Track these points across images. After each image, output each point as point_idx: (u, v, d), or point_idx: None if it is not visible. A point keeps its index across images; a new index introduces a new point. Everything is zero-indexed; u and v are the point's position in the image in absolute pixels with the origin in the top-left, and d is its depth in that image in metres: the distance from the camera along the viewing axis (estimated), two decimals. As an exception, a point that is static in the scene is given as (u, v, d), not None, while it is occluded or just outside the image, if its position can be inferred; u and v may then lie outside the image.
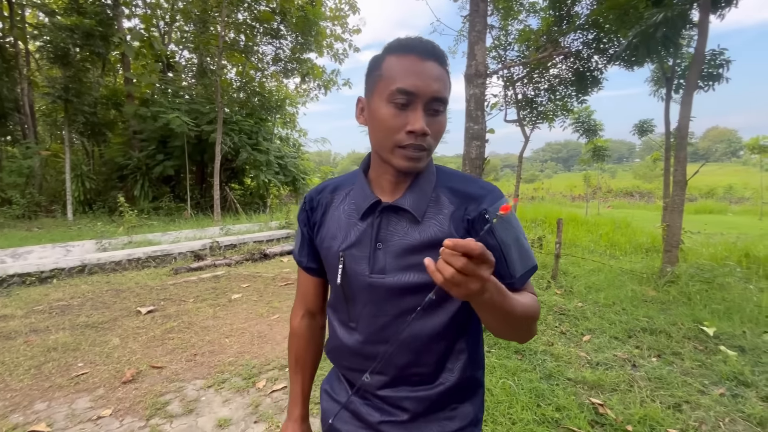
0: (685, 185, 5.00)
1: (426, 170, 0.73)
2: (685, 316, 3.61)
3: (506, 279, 0.69)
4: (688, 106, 5.12)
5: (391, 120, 0.65)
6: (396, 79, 0.64)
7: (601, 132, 12.41)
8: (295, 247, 0.89)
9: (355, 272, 0.73)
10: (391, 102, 0.65)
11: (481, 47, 3.69)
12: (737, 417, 2.17)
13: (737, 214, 15.93)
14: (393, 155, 0.67)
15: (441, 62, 0.67)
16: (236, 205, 11.89)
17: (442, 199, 0.72)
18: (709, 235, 8.65)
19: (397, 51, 0.67)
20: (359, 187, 0.76)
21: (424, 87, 0.64)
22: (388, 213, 0.72)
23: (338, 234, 0.76)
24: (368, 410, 0.77)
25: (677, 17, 5.14)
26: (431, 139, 0.66)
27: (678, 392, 2.40)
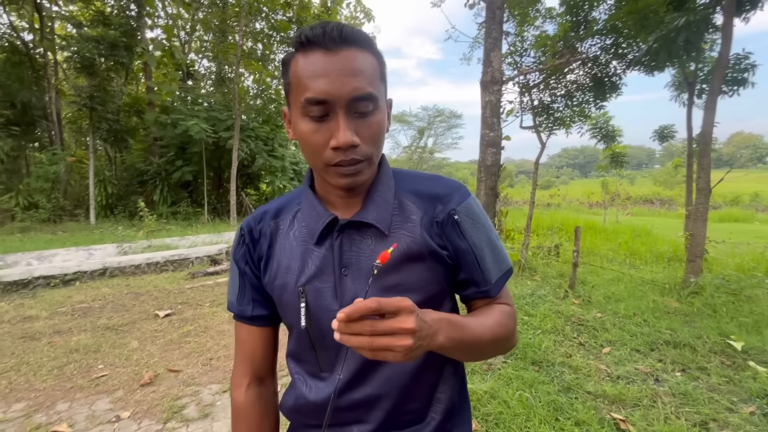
0: (709, 193, 4.85)
1: (381, 176, 0.63)
2: (711, 329, 3.48)
3: (481, 286, 0.64)
4: (712, 111, 4.98)
5: (311, 137, 0.54)
6: (305, 86, 0.52)
7: (619, 138, 12.15)
8: (230, 294, 0.71)
9: (321, 309, 0.60)
10: (305, 116, 0.54)
11: (497, 54, 3.68)
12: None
13: (764, 223, 15.34)
14: (327, 175, 0.57)
15: (359, 46, 0.53)
16: (252, 210, 12.07)
17: (406, 205, 0.63)
18: (734, 244, 8.35)
19: (301, 48, 0.54)
20: (308, 205, 0.64)
21: (337, 89, 0.51)
22: (348, 231, 0.61)
23: (292, 266, 0.62)
24: None
25: (700, 21, 5.02)
26: (366, 146, 0.55)
27: (704, 409, 2.30)
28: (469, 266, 0.63)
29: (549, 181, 53.78)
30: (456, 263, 0.63)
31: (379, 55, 0.57)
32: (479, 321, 0.58)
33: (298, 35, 0.54)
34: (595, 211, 19.56)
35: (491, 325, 0.59)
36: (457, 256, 0.63)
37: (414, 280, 0.60)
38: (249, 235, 0.67)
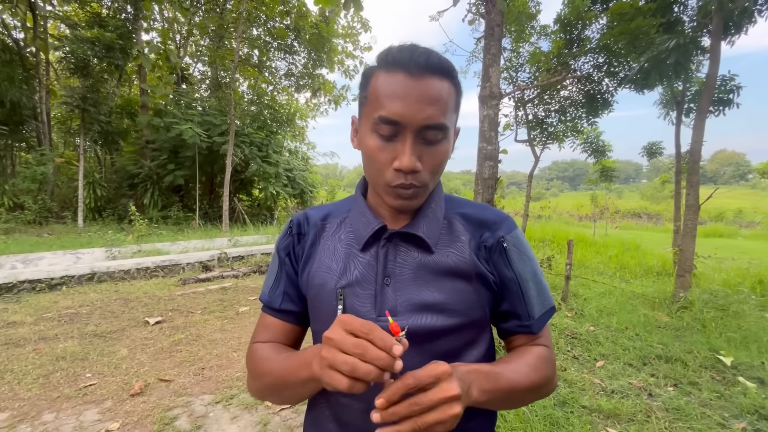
0: (698, 209, 4.97)
1: (434, 195, 0.64)
2: (701, 344, 3.54)
3: (524, 320, 0.63)
4: (700, 130, 5.13)
5: (376, 153, 0.55)
6: (381, 103, 0.53)
7: (609, 153, 12.43)
8: (265, 284, 0.70)
9: (357, 315, 0.57)
10: (374, 131, 0.55)
11: (496, 69, 3.74)
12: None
13: (748, 239, 15.73)
14: (384, 193, 0.58)
15: (441, 75, 0.54)
16: (244, 216, 11.97)
17: (455, 226, 0.63)
18: (720, 259, 8.54)
19: (385, 66, 0.55)
20: (358, 211, 0.64)
21: (412, 114, 0.52)
22: (395, 242, 0.61)
23: (334, 268, 0.62)
24: None
25: (689, 43, 5.20)
26: (426, 174, 0.56)
27: (697, 425, 2.33)
28: (513, 297, 0.63)
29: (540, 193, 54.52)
30: (500, 292, 0.63)
31: (458, 85, 0.58)
32: (514, 368, 0.56)
33: (385, 53, 0.55)
34: (585, 223, 19.84)
35: (527, 372, 0.57)
36: (502, 285, 0.63)
37: (458, 300, 0.59)
38: (297, 228, 0.68)
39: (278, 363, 0.59)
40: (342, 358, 0.43)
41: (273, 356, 0.62)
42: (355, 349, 0.43)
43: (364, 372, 0.42)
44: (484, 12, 3.84)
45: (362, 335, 0.44)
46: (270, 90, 14.52)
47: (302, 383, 0.54)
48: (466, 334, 0.58)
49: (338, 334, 0.45)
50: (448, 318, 0.58)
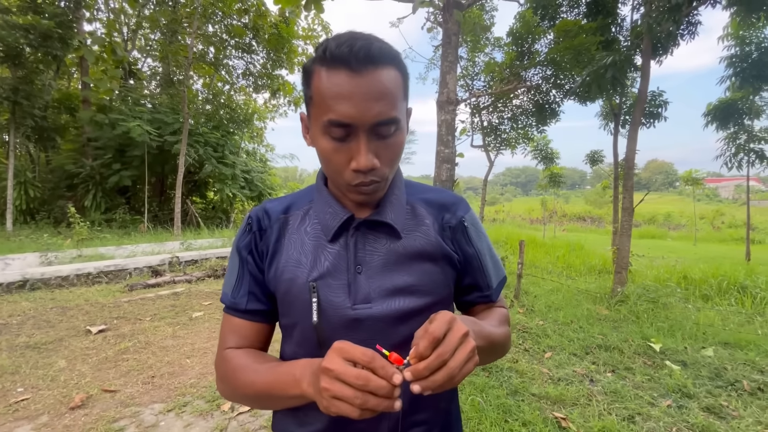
0: (632, 212, 5.45)
1: (396, 182, 0.65)
2: (635, 334, 3.89)
3: (484, 290, 0.68)
4: (633, 140, 5.65)
5: (332, 155, 0.55)
6: (328, 106, 0.52)
7: (557, 160, 13.28)
8: (225, 285, 0.67)
9: (333, 306, 0.59)
10: (326, 134, 0.54)
11: (453, 77, 3.92)
12: (683, 427, 2.36)
13: (675, 240, 17.42)
14: (346, 191, 0.59)
15: (385, 64, 0.52)
16: (197, 219, 11.43)
17: (419, 210, 0.65)
18: (652, 258, 9.39)
19: (325, 63, 0.52)
20: (323, 203, 0.63)
21: (361, 113, 0.51)
22: (363, 230, 0.62)
23: (303, 261, 0.61)
24: None
25: (624, 61, 5.72)
26: (384, 167, 0.56)
27: (631, 405, 2.57)
28: (475, 271, 0.67)
29: (494, 197, 56.86)
30: (463, 268, 0.67)
31: (404, 69, 0.57)
32: (489, 323, 0.60)
33: (323, 48, 0.53)
34: (536, 226, 20.96)
35: (497, 326, 0.62)
36: (465, 262, 0.67)
37: (427, 281, 0.62)
38: (257, 224, 0.65)
39: (260, 376, 0.57)
40: (347, 392, 0.43)
41: (252, 366, 0.59)
42: (357, 381, 0.42)
43: (373, 405, 0.42)
44: (441, 21, 4.02)
45: (364, 364, 0.43)
46: (226, 89, 14.03)
47: (290, 398, 0.53)
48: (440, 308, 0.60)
49: (337, 365, 0.44)
50: (418, 299, 0.60)
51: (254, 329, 0.65)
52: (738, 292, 5.58)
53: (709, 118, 10.27)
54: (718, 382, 2.93)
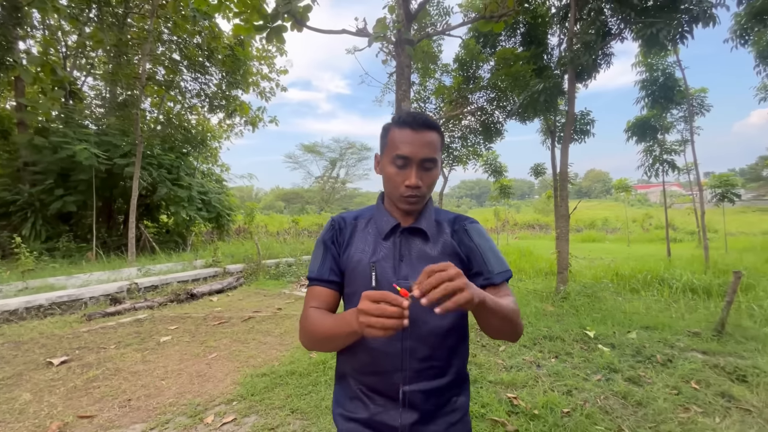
0: (568, 218, 6.16)
1: (429, 204, 0.97)
2: (574, 325, 4.44)
3: (485, 275, 0.91)
4: (566, 155, 6.42)
5: (394, 177, 0.89)
6: (397, 147, 0.88)
7: (505, 173, 14.31)
8: (313, 266, 0.97)
9: (385, 278, 0.89)
10: (393, 164, 0.89)
11: (407, 104, 4.36)
12: (609, 394, 2.83)
13: (612, 242, 19.17)
14: (398, 201, 0.91)
15: (431, 129, 0.88)
16: (151, 243, 10.99)
17: (443, 224, 0.98)
18: (591, 259, 10.40)
19: (398, 125, 0.90)
20: (380, 214, 0.97)
21: (415, 153, 0.86)
22: (406, 234, 0.93)
23: (366, 249, 0.93)
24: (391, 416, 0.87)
25: (553, 86, 6.53)
26: (424, 188, 0.89)
27: (570, 382, 3.02)
28: (478, 261, 0.94)
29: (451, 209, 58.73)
30: (468, 260, 0.94)
31: (442, 133, 0.93)
32: (503, 300, 0.83)
33: (398, 119, 0.90)
34: (491, 235, 22.05)
35: (509, 305, 0.84)
36: (469, 253, 0.94)
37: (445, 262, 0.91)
38: (338, 224, 0.99)
39: (327, 322, 0.84)
40: (373, 320, 0.66)
41: (322, 317, 0.87)
42: (377, 311, 0.66)
43: (390, 324, 0.65)
44: (395, 54, 4.46)
45: (381, 299, 0.67)
46: (177, 110, 13.73)
47: (345, 336, 0.79)
48: None
49: (364, 305, 0.68)
50: None
51: (329, 295, 0.94)
52: (659, 284, 6.43)
53: (629, 133, 11.69)
54: (638, 357, 3.49)
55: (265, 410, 2.78)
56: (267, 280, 8.15)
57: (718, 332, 4.02)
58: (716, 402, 2.73)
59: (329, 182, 40.14)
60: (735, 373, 3.13)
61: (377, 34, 4.10)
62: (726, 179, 14.88)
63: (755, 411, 2.61)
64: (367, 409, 0.90)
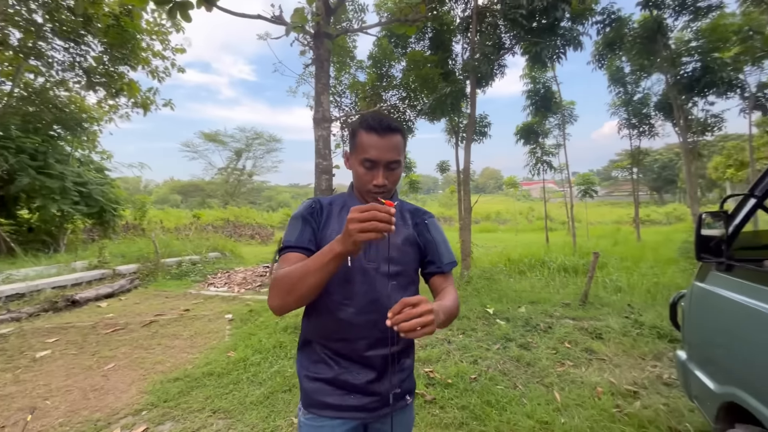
0: (470, 210, 6.87)
1: (394, 198, 1.06)
2: (477, 304, 5.03)
3: (437, 264, 1.07)
4: (468, 153, 7.12)
5: (363, 176, 1.00)
6: (365, 150, 0.98)
7: (414, 168, 15.15)
8: (290, 236, 1.02)
9: (356, 259, 0.99)
10: (362, 165, 0.99)
11: (326, 97, 4.39)
12: (506, 359, 3.33)
13: (503, 232, 21.74)
14: (366, 196, 1.02)
15: (396, 132, 0.98)
16: (9, 244, 9.05)
17: (405, 215, 1.11)
18: (488, 247, 11.69)
19: (366, 128, 0.99)
20: (352, 202, 1.07)
21: (381, 157, 0.97)
22: None
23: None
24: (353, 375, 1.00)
25: (458, 91, 7.17)
26: (390, 185, 1.01)
27: (475, 353, 3.46)
28: (433, 252, 1.10)
29: (363, 203, 59.54)
30: (425, 250, 1.10)
31: (405, 134, 1.03)
32: (448, 300, 0.97)
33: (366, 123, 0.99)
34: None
35: (452, 301, 0.99)
36: (426, 244, 1.10)
37: (406, 257, 1.06)
38: (318, 204, 1.08)
39: (304, 262, 0.88)
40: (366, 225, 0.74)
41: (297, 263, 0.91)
42: (368, 214, 0.75)
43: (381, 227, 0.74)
44: (313, 46, 4.44)
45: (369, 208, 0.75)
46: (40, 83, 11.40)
47: (326, 264, 0.82)
48: (411, 276, 1.06)
49: (356, 214, 0.76)
50: (400, 266, 1.03)
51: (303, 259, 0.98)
52: (540, 265, 7.58)
53: (518, 136, 13.36)
54: (527, 327, 4.14)
55: (182, 415, 2.62)
56: (168, 280, 7.40)
57: (583, 302, 4.96)
58: (582, 356, 3.41)
59: (234, 174, 37.43)
60: (594, 332, 3.93)
61: (295, 24, 4.03)
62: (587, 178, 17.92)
63: (608, 359, 3.34)
64: (332, 369, 1.01)
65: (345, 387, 1.01)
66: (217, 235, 13.41)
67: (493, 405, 2.59)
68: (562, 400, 2.66)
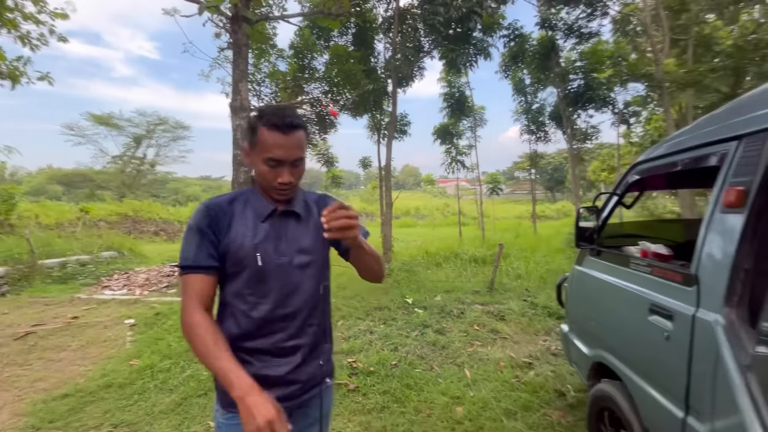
0: (391, 206, 7.13)
1: (299, 191, 1.08)
2: (397, 295, 5.27)
3: None
4: (389, 150, 7.36)
5: (267, 175, 0.98)
6: (268, 149, 0.95)
7: (337, 163, 15.10)
8: (187, 252, 0.97)
9: (268, 257, 0.99)
10: (265, 164, 0.97)
11: (245, 85, 4.16)
12: (423, 344, 3.57)
13: (422, 227, 22.88)
14: (272, 193, 1.02)
15: (299, 129, 0.97)
16: None
17: (311, 206, 1.11)
18: (408, 241, 12.21)
19: (268, 125, 0.95)
20: (256, 198, 1.04)
21: (287, 155, 0.96)
22: (282, 216, 1.04)
23: (247, 232, 0.99)
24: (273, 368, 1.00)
25: (380, 89, 7.35)
26: (295, 181, 1.01)
27: (396, 340, 3.64)
28: None
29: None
30: None
31: (307, 129, 1.03)
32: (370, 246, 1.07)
33: (268, 120, 0.96)
34: (323, 223, 22.90)
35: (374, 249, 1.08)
36: None
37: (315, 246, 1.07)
38: (214, 211, 1.00)
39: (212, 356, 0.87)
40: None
41: (210, 346, 0.88)
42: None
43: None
44: (231, 31, 4.17)
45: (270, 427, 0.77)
46: None
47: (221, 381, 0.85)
48: (323, 262, 1.09)
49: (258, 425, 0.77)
50: (313, 255, 1.06)
51: (206, 282, 0.97)
52: (454, 257, 8.18)
53: (435, 135, 14.14)
54: (442, 314, 4.47)
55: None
56: (48, 285, 6.35)
57: (490, 288, 5.51)
58: (489, 336, 3.81)
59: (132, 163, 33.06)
60: (499, 315, 4.41)
61: (210, 4, 3.74)
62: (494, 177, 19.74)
63: (509, 337, 3.79)
64: (251, 366, 0.97)
65: (265, 381, 0.96)
66: (113, 231, 11.81)
67: (412, 387, 2.77)
68: (471, 376, 2.96)
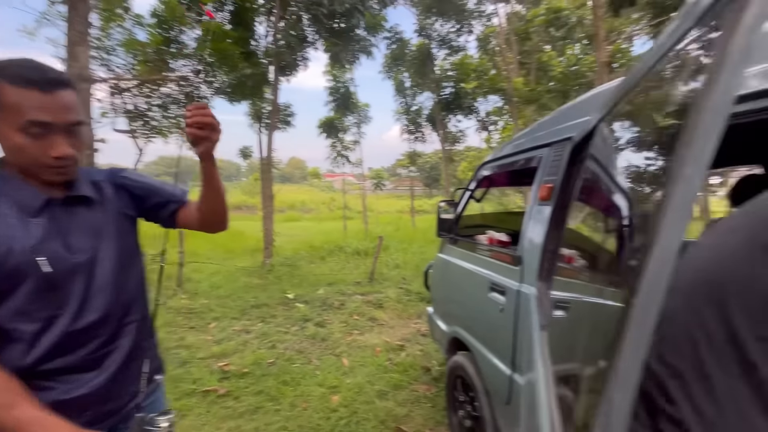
0: (272, 199, 6.85)
1: (79, 167, 0.83)
2: (277, 291, 5.10)
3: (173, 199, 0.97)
4: (271, 141, 7.03)
5: (30, 149, 0.71)
6: (25, 112, 0.68)
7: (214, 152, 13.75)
8: None
9: (59, 258, 0.75)
10: (23, 132, 0.69)
11: (85, 50, 3.44)
12: (303, 338, 3.55)
13: (308, 220, 22.54)
14: (42, 173, 0.74)
15: (67, 87, 0.74)
16: None
17: (102, 185, 0.88)
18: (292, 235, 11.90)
19: (15, 82, 0.68)
20: (16, 189, 0.75)
21: (59, 118, 0.71)
22: (65, 206, 0.79)
23: (15, 234, 0.72)
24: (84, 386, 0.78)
25: (260, 75, 6.94)
26: (76, 153, 0.77)
27: (274, 338, 3.53)
28: (159, 193, 0.97)
29: (145, 189, 49.64)
30: (143, 202, 0.95)
31: (74, 87, 0.78)
32: None
33: (11, 70, 0.70)
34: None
35: None
36: (145, 195, 0.95)
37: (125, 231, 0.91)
38: None
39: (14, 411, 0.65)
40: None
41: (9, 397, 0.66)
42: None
43: None
44: (62, -20, 3.37)
45: None
46: None
47: None
48: (132, 249, 0.92)
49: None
50: (121, 242, 0.87)
51: None
52: (338, 250, 8.30)
53: (321, 129, 14.05)
54: (324, 307, 4.51)
55: None
56: None
57: (370, 279, 5.77)
58: (367, 324, 4.00)
59: None
60: (377, 303, 4.66)
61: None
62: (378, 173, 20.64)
63: (386, 323, 4.04)
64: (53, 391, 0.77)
65: (73, 405, 0.78)
66: None
67: (288, 383, 2.73)
68: (349, 364, 3.06)
